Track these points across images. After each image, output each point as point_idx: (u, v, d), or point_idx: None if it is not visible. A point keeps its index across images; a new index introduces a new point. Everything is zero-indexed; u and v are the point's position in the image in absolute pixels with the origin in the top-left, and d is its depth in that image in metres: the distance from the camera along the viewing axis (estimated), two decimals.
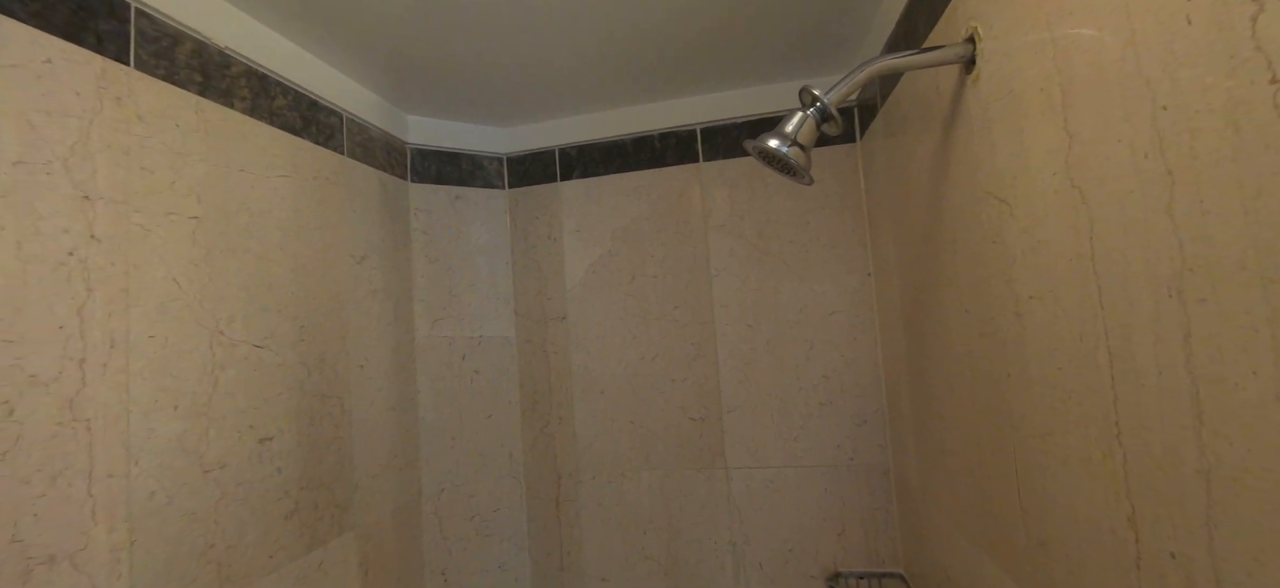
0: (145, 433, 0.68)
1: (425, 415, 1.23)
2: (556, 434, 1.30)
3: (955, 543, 0.79)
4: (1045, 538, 0.54)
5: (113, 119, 0.68)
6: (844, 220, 1.18)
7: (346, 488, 1.00)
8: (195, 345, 0.75)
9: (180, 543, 0.71)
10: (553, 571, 1.29)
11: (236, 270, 0.82)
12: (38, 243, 0.60)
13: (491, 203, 1.35)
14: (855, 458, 1.15)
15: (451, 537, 1.23)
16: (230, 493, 0.78)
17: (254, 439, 0.83)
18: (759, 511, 1.18)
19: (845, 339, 1.17)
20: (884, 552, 1.13)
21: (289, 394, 0.89)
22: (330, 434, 0.97)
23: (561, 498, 1.29)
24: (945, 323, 0.76)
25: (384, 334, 1.14)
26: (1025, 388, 0.55)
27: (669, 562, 1.23)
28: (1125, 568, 0.42)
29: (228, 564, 0.76)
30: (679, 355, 1.24)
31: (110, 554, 0.63)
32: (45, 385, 0.59)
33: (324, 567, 0.93)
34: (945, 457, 0.81)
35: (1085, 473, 0.46)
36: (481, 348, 1.31)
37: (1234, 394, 0.31)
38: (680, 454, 1.23)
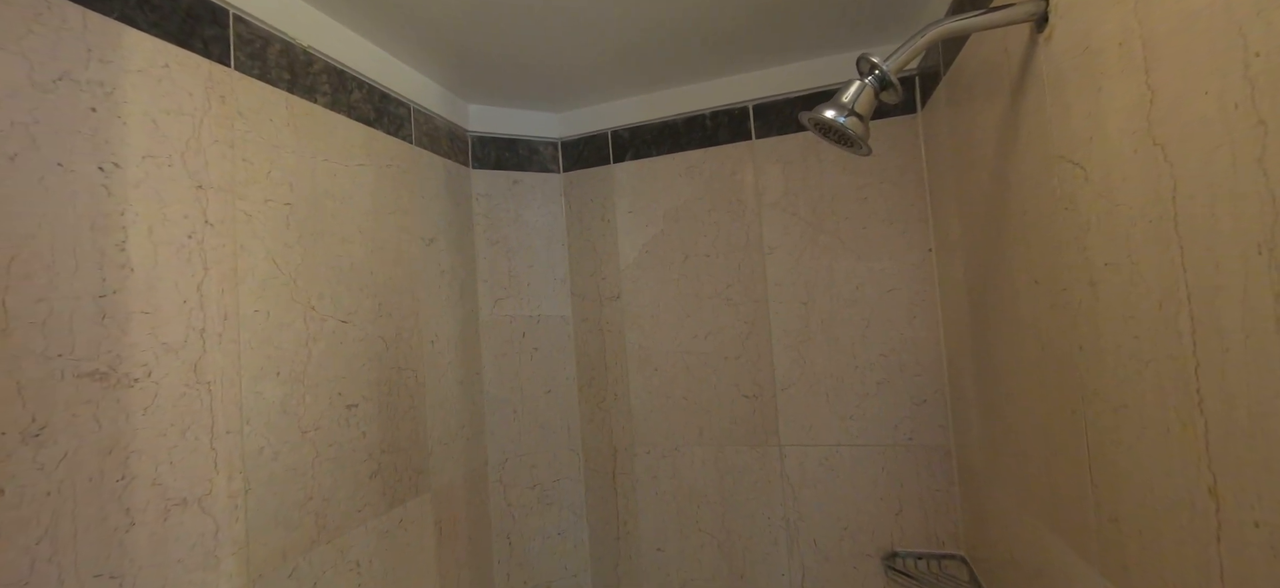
0: (254, 396, 0.77)
1: (489, 390, 1.31)
2: (612, 410, 1.35)
3: (1021, 522, 0.77)
4: (1117, 513, 0.52)
5: (218, 116, 0.76)
6: (904, 195, 1.14)
7: (421, 454, 1.08)
8: (291, 320, 0.84)
9: (285, 494, 0.80)
10: (610, 539, 1.34)
11: (323, 252, 0.90)
12: (164, 228, 0.68)
13: (547, 186, 1.40)
14: (914, 438, 1.12)
15: (515, 504, 1.31)
16: (324, 453, 0.87)
17: (342, 405, 0.91)
18: (813, 488, 1.18)
19: (904, 317, 1.13)
20: (944, 533, 1.10)
21: (370, 366, 0.97)
22: (406, 404, 1.05)
23: (618, 471, 1.34)
24: (1013, 296, 0.73)
25: (451, 312, 1.21)
26: (1098, 360, 0.53)
27: (723, 535, 1.25)
28: (1205, 540, 0.40)
29: (323, 515, 0.85)
30: (732, 334, 1.25)
31: (229, 500, 0.72)
32: (175, 352, 0.68)
33: (403, 524, 1.02)
34: (1011, 435, 0.78)
35: (1162, 445, 0.45)
36: (540, 326, 1.37)
37: None
38: (733, 431, 1.24)
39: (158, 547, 0.64)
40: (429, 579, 1.06)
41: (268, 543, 0.76)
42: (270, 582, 0.76)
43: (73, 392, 0.58)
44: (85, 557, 0.58)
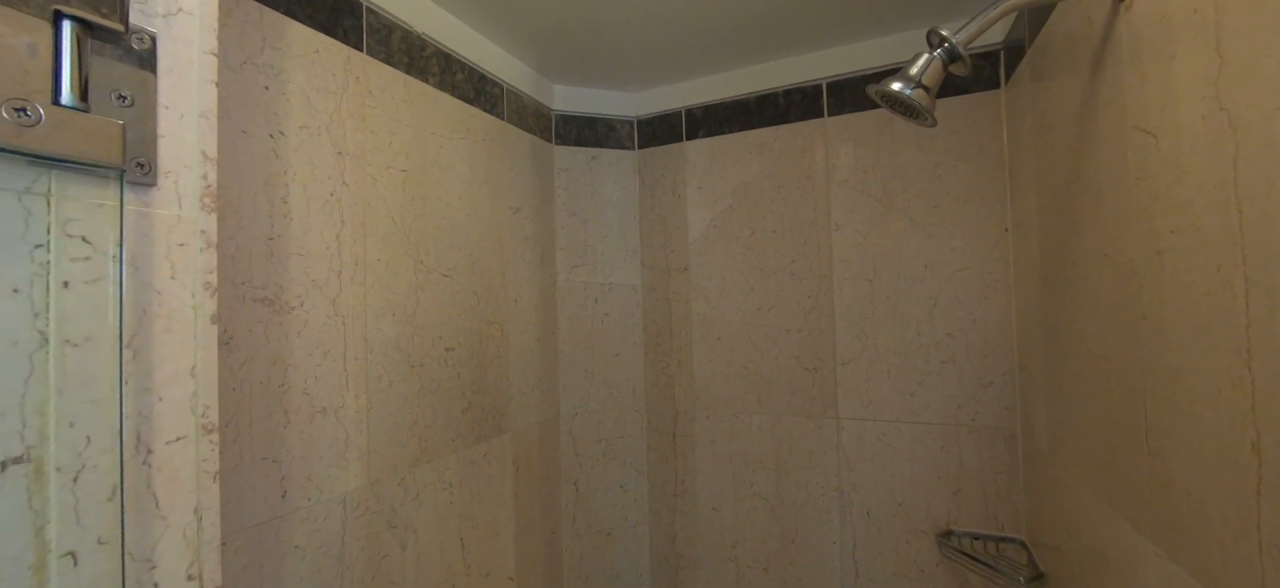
0: (376, 331, 0.91)
1: (563, 349, 1.42)
2: (676, 375, 1.42)
3: (1080, 500, 0.77)
4: (1169, 479, 0.53)
5: (354, 93, 0.90)
6: (982, 173, 1.12)
7: (504, 398, 1.21)
8: (405, 270, 0.98)
9: (398, 416, 0.94)
10: (668, 496, 1.43)
11: (430, 213, 1.04)
12: (314, 186, 0.83)
13: (623, 162, 1.48)
14: (977, 419, 1.11)
15: (582, 454, 1.42)
16: (427, 386, 1.01)
17: (442, 348, 1.05)
18: (869, 462, 1.21)
19: (975, 297, 1.12)
20: (1004, 516, 1.09)
21: (465, 316, 1.11)
22: (493, 353, 1.18)
23: (678, 432, 1.42)
24: (1084, 273, 0.73)
25: (532, 276, 1.33)
26: (1159, 329, 0.54)
27: (776, 500, 1.30)
28: (1246, 496, 0.42)
29: (425, 439, 1.00)
30: (795, 307, 1.28)
31: (356, 414, 0.87)
32: (320, 288, 0.83)
33: (487, 457, 1.15)
34: (1075, 414, 0.78)
35: (1213, 407, 0.46)
36: (611, 294, 1.46)
37: None
38: (792, 401, 1.28)
39: (305, 444, 0.79)
40: (506, 509, 1.20)
41: (383, 455, 0.91)
42: (384, 486, 0.91)
43: (251, 313, 0.74)
44: (257, 442, 0.74)
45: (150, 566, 0.34)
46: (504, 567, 1.18)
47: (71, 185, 0.32)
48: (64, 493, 0.31)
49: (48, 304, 0.31)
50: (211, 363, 0.39)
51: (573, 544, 1.41)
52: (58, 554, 0.30)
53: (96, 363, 0.32)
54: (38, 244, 0.31)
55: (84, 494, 0.31)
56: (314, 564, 0.78)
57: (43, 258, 0.31)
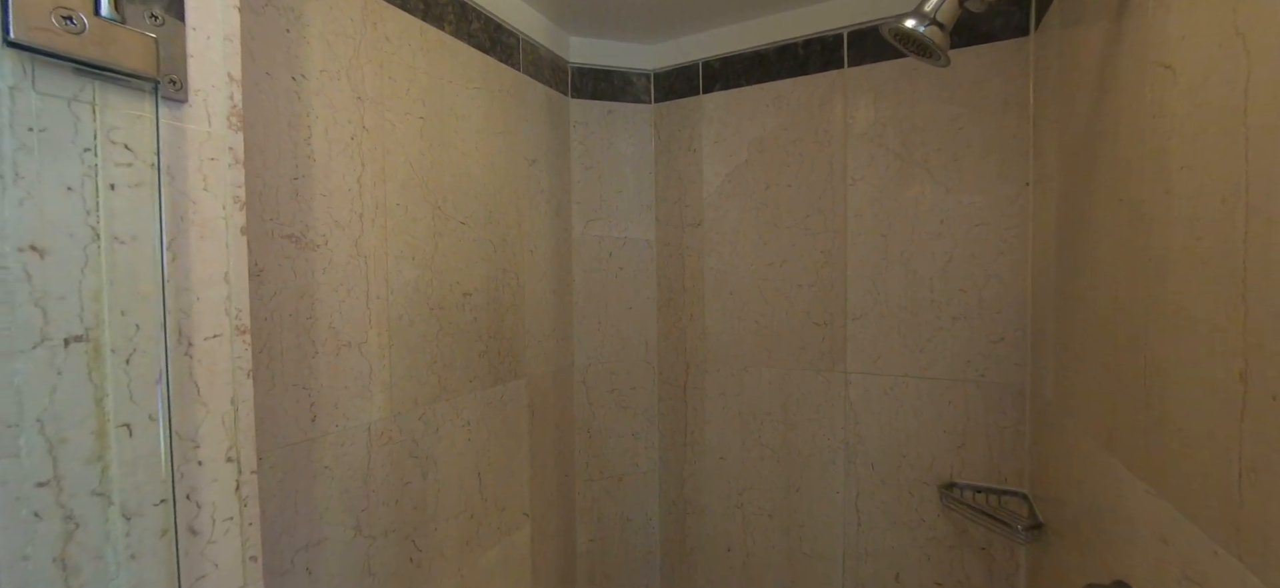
0: (396, 273, 0.95)
1: (578, 301, 1.45)
2: (687, 329, 1.45)
3: (1081, 449, 0.78)
4: (1163, 416, 0.53)
5: (372, 39, 0.92)
6: (1005, 126, 1.10)
7: (520, 345, 1.25)
8: (423, 215, 1.01)
9: (418, 354, 0.99)
10: (677, 445, 1.47)
11: (447, 161, 1.06)
12: (335, 129, 0.86)
13: (638, 116, 1.48)
14: (986, 375, 1.12)
15: (595, 403, 1.47)
16: (446, 328, 1.05)
17: (459, 293, 1.09)
18: (875, 415, 1.22)
19: (991, 253, 1.11)
20: (1007, 470, 1.10)
21: (482, 264, 1.14)
22: (509, 301, 1.22)
23: (689, 385, 1.45)
24: (1098, 221, 0.72)
25: (548, 228, 1.36)
26: (1164, 268, 0.54)
27: (783, 450, 1.33)
28: (1231, 422, 0.43)
29: (444, 378, 1.05)
30: (807, 262, 1.28)
31: (379, 350, 0.92)
32: (343, 228, 0.86)
33: (504, 400, 1.20)
34: (1081, 364, 0.78)
35: (1207, 341, 0.46)
36: (625, 248, 1.48)
37: None
38: (801, 355, 1.30)
39: (332, 374, 0.84)
40: (522, 450, 1.26)
41: (404, 390, 0.96)
42: (405, 419, 0.96)
43: (278, 248, 0.78)
44: (288, 369, 0.79)
45: (195, 445, 0.39)
46: (519, 503, 1.24)
47: (113, 96, 0.35)
48: (118, 372, 0.34)
49: (97, 203, 0.34)
50: (242, 271, 0.42)
51: (586, 487, 1.47)
52: (115, 424, 0.34)
53: (141, 260, 0.36)
54: (86, 148, 0.34)
55: (135, 375, 0.35)
56: (342, 485, 0.84)
57: (91, 161, 0.34)
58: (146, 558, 0.35)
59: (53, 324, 0.32)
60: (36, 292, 0.31)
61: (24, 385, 0.31)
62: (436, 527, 1.02)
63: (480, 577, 1.13)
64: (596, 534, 1.49)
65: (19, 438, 0.30)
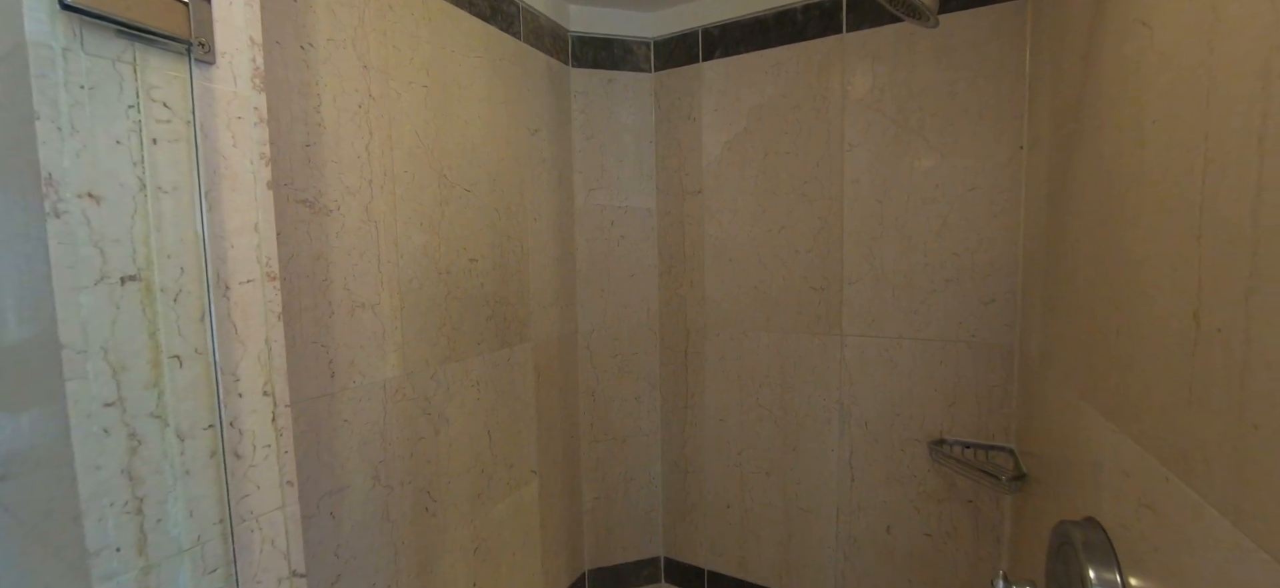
0: (405, 238, 0.99)
1: (581, 269, 1.49)
2: (688, 295, 1.48)
3: (1063, 401, 0.81)
4: (1129, 360, 0.57)
5: (376, 8, 0.94)
6: (1000, 91, 1.11)
7: (525, 310, 1.29)
8: (430, 182, 1.04)
9: (428, 316, 1.03)
10: (679, 407, 1.52)
11: (451, 130, 1.09)
12: (343, 98, 0.88)
13: (639, 86, 1.49)
14: (976, 336, 1.15)
15: (599, 367, 1.52)
16: (454, 292, 1.09)
17: (466, 259, 1.13)
18: (870, 376, 1.26)
19: (984, 217, 1.13)
20: (995, 427, 1.15)
21: (487, 231, 1.18)
22: (514, 267, 1.26)
23: (689, 350, 1.49)
24: (1082, 178, 0.75)
25: (550, 197, 1.38)
26: (1137, 220, 0.56)
27: (780, 412, 1.38)
28: (1185, 357, 0.46)
29: (454, 339, 1.09)
30: (805, 229, 1.31)
31: (392, 312, 0.96)
32: (354, 194, 0.90)
33: (511, 362, 1.25)
34: (1064, 321, 0.81)
35: (1169, 285, 0.49)
36: (627, 217, 1.51)
37: None
38: (798, 320, 1.34)
39: (348, 333, 0.89)
40: (529, 410, 1.31)
41: (417, 350, 1.00)
42: (418, 377, 1.01)
43: (294, 212, 0.81)
44: (306, 327, 0.83)
45: (235, 379, 0.43)
46: (526, 460, 1.30)
47: (151, 57, 0.38)
48: (168, 309, 0.38)
49: (142, 156, 0.37)
50: (270, 222, 0.46)
51: (590, 448, 1.53)
52: (167, 356, 0.38)
53: (182, 209, 0.39)
54: (130, 105, 0.37)
55: (183, 313, 0.39)
56: (361, 437, 0.89)
57: (135, 117, 0.37)
58: (198, 475, 0.40)
59: (110, 264, 0.36)
60: (95, 234, 0.35)
61: (89, 317, 0.34)
62: (449, 480, 1.08)
63: (491, 528, 1.19)
64: (601, 492, 1.55)
65: (87, 363, 0.34)
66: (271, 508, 0.45)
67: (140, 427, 0.37)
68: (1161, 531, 0.50)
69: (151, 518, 0.37)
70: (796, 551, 1.39)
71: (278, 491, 0.45)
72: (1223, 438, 0.41)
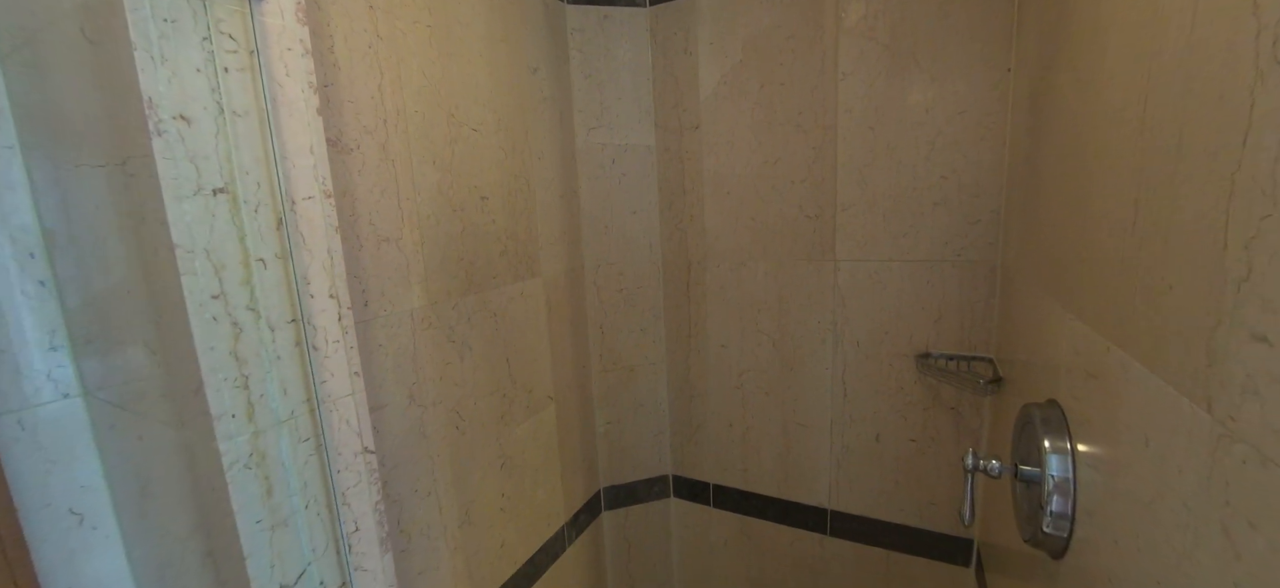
0: (421, 175, 1.04)
1: (585, 207, 1.54)
2: (688, 229, 1.54)
3: (1031, 299, 0.89)
4: (1086, 252, 0.64)
5: None
6: (991, 12, 1.13)
7: (534, 246, 1.35)
8: (439, 121, 1.08)
9: (446, 250, 1.09)
10: (682, 337, 1.61)
11: (456, 70, 1.12)
12: (353, 38, 0.91)
13: (634, 21, 1.50)
14: (961, 255, 1.22)
15: (605, 302, 1.59)
16: (468, 228, 1.15)
17: (477, 196, 1.18)
18: (861, 298, 1.34)
19: (971, 140, 1.18)
20: (977, 339, 1.23)
21: (495, 169, 1.22)
22: (522, 205, 1.31)
23: (691, 281, 1.57)
24: (1058, 88, 0.79)
25: (552, 136, 1.42)
26: (1096, 120, 0.62)
27: (778, 335, 1.47)
28: (1128, 241, 0.53)
29: (470, 273, 1.16)
30: (799, 159, 1.36)
31: (413, 246, 1.02)
32: (371, 133, 0.94)
33: (524, 295, 1.32)
34: (1039, 228, 0.88)
35: (1118, 178, 0.56)
36: (627, 154, 1.55)
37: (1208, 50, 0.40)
38: (794, 248, 1.40)
39: (375, 266, 0.95)
40: (542, 341, 1.39)
41: (438, 282, 1.07)
42: (441, 307, 1.08)
43: None
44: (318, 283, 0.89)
45: (306, 282, 0.49)
46: (543, 387, 1.39)
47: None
48: (251, 218, 0.45)
49: (218, 83, 0.43)
50: (322, 145, 0.51)
51: (601, 378, 1.63)
52: (254, 258, 0.45)
53: (252, 131, 0.45)
54: (204, 37, 0.42)
55: (262, 222, 0.46)
56: (395, 360, 0.98)
57: (208, 48, 0.42)
58: (287, 361, 0.47)
59: (203, 177, 0.42)
60: (189, 151, 0.41)
61: (193, 223, 0.41)
62: (475, 402, 1.17)
63: (515, 447, 1.29)
64: (613, 418, 1.66)
65: (195, 261, 0.41)
66: (344, 394, 0.52)
67: (239, 317, 0.44)
68: (1102, 394, 0.58)
69: (256, 393, 0.45)
70: (794, 462, 1.51)
71: (347, 380, 0.53)
72: (1146, 302, 0.48)
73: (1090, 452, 0.62)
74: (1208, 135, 0.40)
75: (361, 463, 0.53)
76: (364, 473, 0.53)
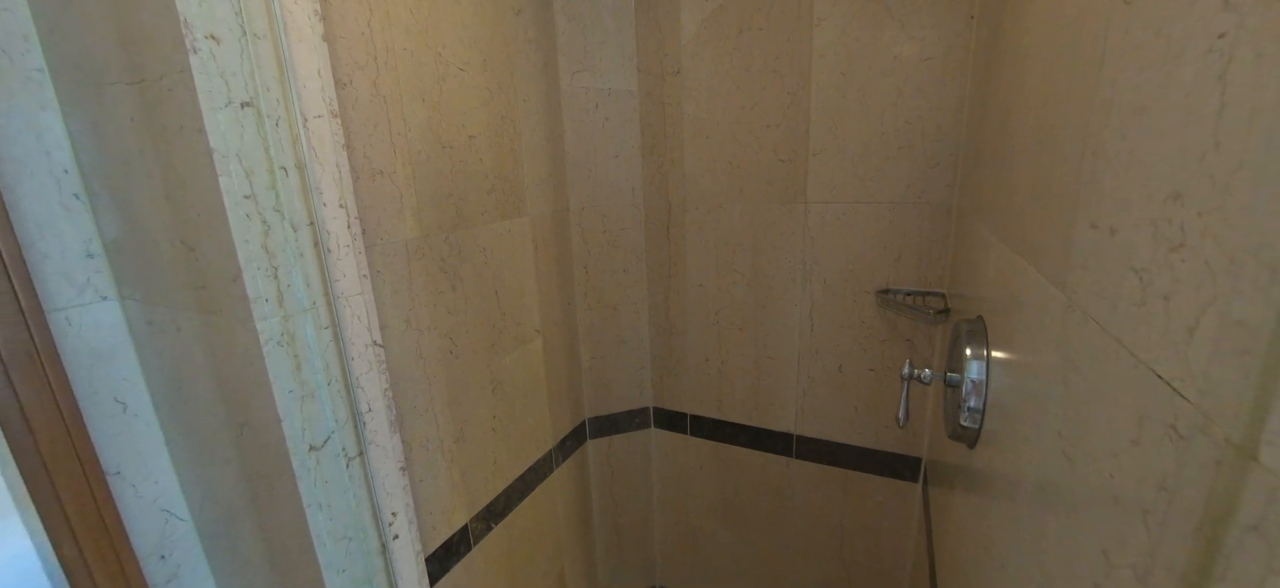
0: (411, 112, 1.09)
1: (570, 150, 1.59)
2: (669, 173, 1.61)
3: (975, 233, 0.99)
4: (1013, 181, 0.73)
5: None
6: None
7: (520, 186, 1.41)
8: (427, 60, 1.12)
9: (436, 186, 1.15)
10: (663, 276, 1.70)
11: (442, 10, 1.15)
12: None
13: None
14: (923, 196, 1.31)
15: (590, 243, 1.67)
16: (456, 166, 1.21)
17: (465, 135, 1.23)
18: (829, 238, 1.43)
19: (935, 85, 1.25)
20: (931, 276, 1.34)
21: (482, 109, 1.27)
22: (508, 145, 1.36)
23: (671, 223, 1.64)
24: (1006, 39, 0.87)
25: (537, 79, 1.46)
26: (1024, 64, 0.70)
27: (751, 275, 1.56)
28: (1041, 163, 0.62)
29: (459, 209, 1.22)
30: (775, 104, 1.42)
31: (405, 180, 1.08)
32: (362, 69, 0.99)
33: (511, 233, 1.39)
34: (986, 167, 0.96)
35: (1028, 114, 0.64)
36: (610, 99, 1.59)
37: None
38: (768, 191, 1.48)
39: (371, 196, 1.01)
40: (530, 278, 1.47)
41: (429, 216, 1.14)
42: (433, 239, 1.15)
43: None
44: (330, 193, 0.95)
45: (319, 191, 0.56)
46: (531, 321, 1.48)
47: None
48: (272, 130, 0.51)
49: (239, 6, 0.49)
50: (328, 69, 0.57)
51: (586, 315, 1.72)
52: (277, 166, 0.52)
53: (269, 53, 0.51)
54: None
55: (282, 134, 0.52)
56: (392, 287, 1.05)
57: None
58: (307, 259, 0.55)
59: (232, 91, 0.48)
60: (220, 67, 0.47)
61: (226, 131, 0.48)
62: (467, 331, 1.25)
63: (505, 373, 1.39)
64: (597, 353, 1.76)
65: (229, 164, 0.48)
66: (354, 293, 0.60)
67: (268, 216, 0.51)
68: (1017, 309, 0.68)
69: (284, 283, 0.52)
70: (764, 392, 1.63)
71: (357, 280, 0.60)
72: (1041, 216, 0.57)
73: (1000, 356, 0.72)
74: (1083, 68, 0.48)
75: (371, 354, 0.61)
76: (374, 362, 0.62)
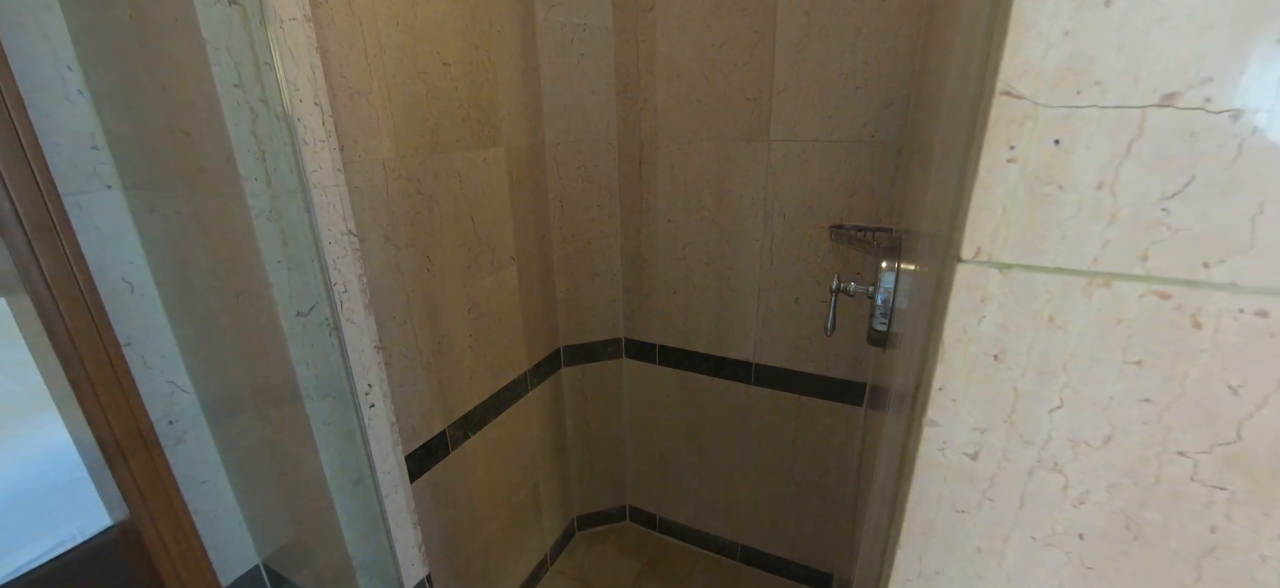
0: (387, 35, 1.13)
1: (546, 85, 1.64)
2: (641, 111, 1.67)
3: (911, 165, 1.08)
4: (929, 112, 0.82)
5: None
6: None
7: (496, 116, 1.47)
8: None
9: (413, 110, 1.21)
10: (634, 211, 1.78)
11: None
12: None
13: None
14: (875, 136, 1.39)
15: (565, 177, 1.74)
16: (432, 92, 1.26)
17: (440, 62, 1.28)
18: (789, 175, 1.52)
19: (891, 26, 1.32)
20: (881, 212, 1.44)
21: (457, 37, 1.31)
22: (484, 76, 1.41)
23: (643, 160, 1.71)
24: None
25: (513, 11, 1.49)
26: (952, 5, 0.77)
27: (717, 210, 1.65)
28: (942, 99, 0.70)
29: (436, 134, 1.28)
30: (742, 42, 1.47)
31: (382, 102, 1.14)
32: None
33: (486, 162, 1.45)
34: (918, 107, 1.05)
35: (940, 47, 0.72)
36: (586, 34, 1.63)
37: None
38: (734, 128, 1.55)
39: (350, 115, 1.07)
40: (505, 207, 1.54)
41: (405, 138, 1.20)
42: (410, 162, 1.22)
43: None
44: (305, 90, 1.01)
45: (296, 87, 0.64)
46: (506, 248, 1.57)
47: None
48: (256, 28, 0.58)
49: None
50: None
51: (560, 248, 1.80)
52: (261, 62, 0.59)
53: None
54: None
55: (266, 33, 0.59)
56: (370, 202, 1.13)
57: None
58: (290, 147, 0.63)
59: None
60: None
61: (216, 25, 0.54)
62: (444, 251, 1.34)
63: (481, 295, 1.48)
64: (572, 285, 1.85)
65: (221, 55, 0.55)
66: (330, 183, 0.68)
67: (255, 106, 0.58)
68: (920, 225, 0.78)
69: (271, 166, 0.60)
70: (727, 322, 1.75)
71: (332, 172, 0.68)
72: None
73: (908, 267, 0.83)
74: None
75: (346, 241, 0.70)
76: (349, 248, 0.70)
